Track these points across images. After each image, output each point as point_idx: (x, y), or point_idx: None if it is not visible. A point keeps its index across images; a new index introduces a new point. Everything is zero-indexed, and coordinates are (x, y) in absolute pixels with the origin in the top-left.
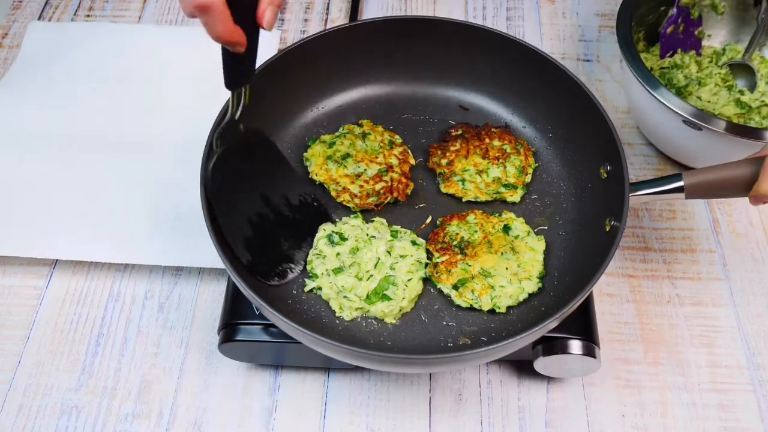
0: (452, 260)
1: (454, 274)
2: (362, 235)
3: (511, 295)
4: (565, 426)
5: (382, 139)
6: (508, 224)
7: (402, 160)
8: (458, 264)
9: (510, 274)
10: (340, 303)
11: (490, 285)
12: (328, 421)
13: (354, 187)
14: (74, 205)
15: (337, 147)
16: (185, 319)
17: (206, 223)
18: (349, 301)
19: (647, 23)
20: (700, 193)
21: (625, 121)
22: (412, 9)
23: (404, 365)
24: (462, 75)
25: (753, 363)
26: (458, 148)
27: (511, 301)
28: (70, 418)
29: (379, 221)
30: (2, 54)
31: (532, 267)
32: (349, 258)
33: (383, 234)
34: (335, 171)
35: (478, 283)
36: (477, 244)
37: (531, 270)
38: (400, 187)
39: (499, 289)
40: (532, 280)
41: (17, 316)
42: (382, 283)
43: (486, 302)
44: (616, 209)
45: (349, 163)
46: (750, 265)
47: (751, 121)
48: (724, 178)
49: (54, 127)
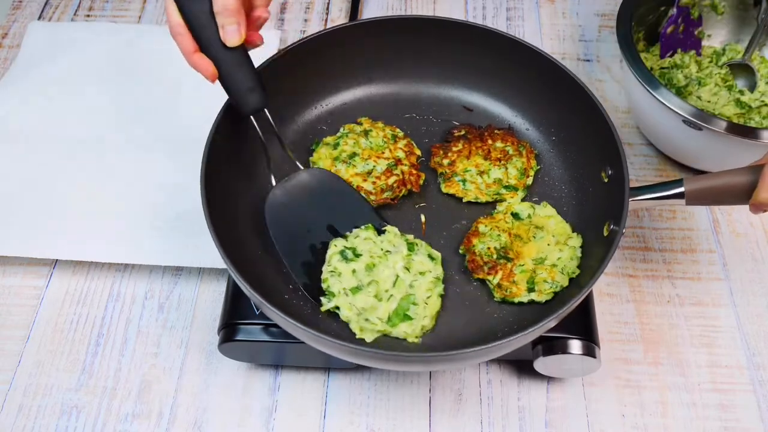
0: (507, 272)
1: (521, 281)
2: (376, 249)
3: (571, 257)
4: (565, 426)
5: (385, 134)
6: (514, 212)
7: (408, 152)
8: (514, 270)
9: (554, 246)
10: (361, 326)
11: (552, 264)
12: (328, 421)
13: (367, 184)
14: (74, 205)
15: (342, 147)
16: (185, 319)
17: (206, 221)
18: (371, 323)
19: (647, 23)
20: (700, 200)
21: (625, 121)
22: (412, 9)
23: (404, 363)
24: (466, 76)
25: (753, 363)
26: (460, 148)
27: (576, 261)
28: (70, 418)
29: (392, 232)
30: (2, 54)
31: (562, 228)
32: (366, 276)
33: (399, 247)
34: (345, 171)
35: (542, 272)
36: (511, 244)
37: (563, 230)
38: (412, 178)
39: (560, 262)
40: (571, 236)
41: (17, 316)
42: (403, 303)
43: (562, 279)
44: (615, 213)
45: (357, 161)
46: (750, 265)
47: (751, 121)
48: (725, 185)
49: (54, 127)
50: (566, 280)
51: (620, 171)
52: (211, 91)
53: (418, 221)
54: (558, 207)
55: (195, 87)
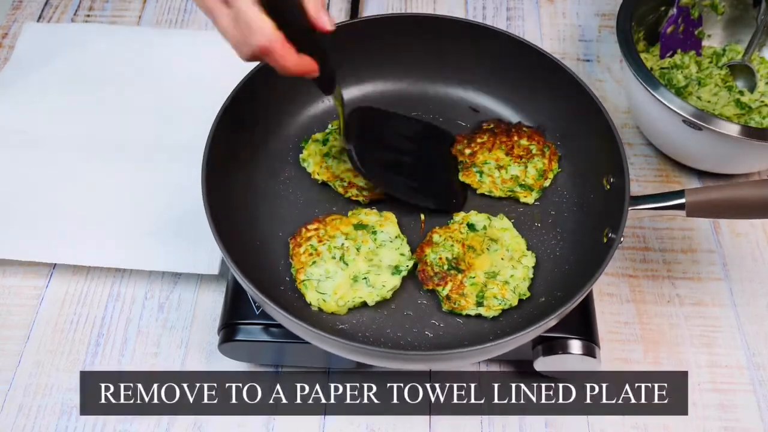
0: (457, 283)
1: (469, 294)
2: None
3: (523, 277)
4: (565, 426)
5: None
6: (470, 222)
7: None
8: (465, 282)
9: (508, 261)
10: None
11: (504, 281)
12: (328, 421)
13: (359, 180)
14: (71, 209)
15: (332, 143)
16: (185, 319)
17: (209, 223)
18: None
19: (647, 23)
20: (701, 212)
21: (625, 121)
22: (412, 9)
23: (404, 362)
24: (474, 77)
25: (753, 363)
26: (485, 140)
27: (527, 282)
28: (70, 418)
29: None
30: (2, 54)
31: (517, 243)
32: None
33: None
34: (336, 167)
35: (493, 287)
36: (464, 255)
37: (518, 245)
38: None
39: (512, 280)
40: (525, 253)
41: (17, 316)
42: None
43: (512, 297)
44: (614, 221)
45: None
46: (750, 265)
47: (751, 121)
48: (728, 199)
49: (50, 129)
50: (516, 300)
51: (622, 180)
52: (210, 93)
53: (418, 219)
54: (558, 211)
55: (194, 89)
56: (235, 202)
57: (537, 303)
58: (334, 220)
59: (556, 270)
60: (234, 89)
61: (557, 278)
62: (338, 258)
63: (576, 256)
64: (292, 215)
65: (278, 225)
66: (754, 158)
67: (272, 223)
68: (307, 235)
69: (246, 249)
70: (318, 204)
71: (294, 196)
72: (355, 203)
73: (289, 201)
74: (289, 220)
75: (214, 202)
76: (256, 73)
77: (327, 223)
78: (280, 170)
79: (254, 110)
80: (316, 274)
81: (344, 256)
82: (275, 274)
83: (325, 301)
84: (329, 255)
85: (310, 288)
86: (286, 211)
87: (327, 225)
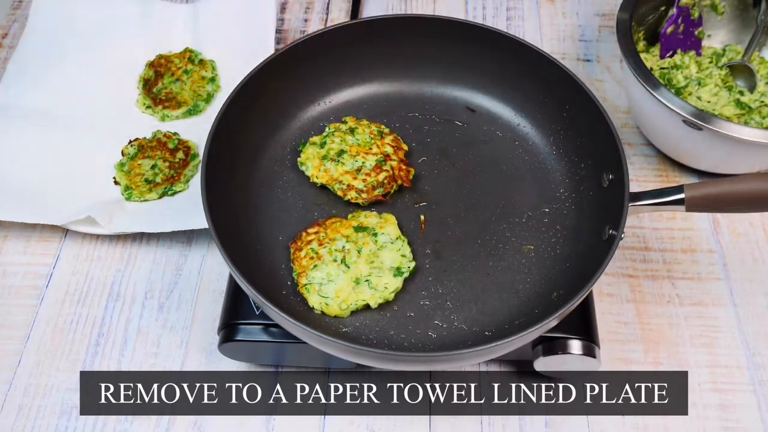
0: None
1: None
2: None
3: None
4: (565, 426)
5: (371, 130)
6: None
7: (396, 147)
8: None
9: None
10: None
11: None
12: (328, 421)
13: (357, 182)
14: (94, 178)
15: (330, 146)
16: (185, 319)
17: (209, 225)
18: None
19: (647, 23)
20: (700, 207)
21: (625, 121)
22: (412, 9)
23: (404, 363)
24: (470, 76)
25: (753, 363)
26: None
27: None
28: (70, 418)
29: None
30: (2, 54)
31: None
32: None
33: None
34: (335, 170)
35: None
36: None
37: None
38: (402, 174)
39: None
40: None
41: (17, 316)
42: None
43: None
44: (614, 218)
45: (346, 159)
46: (750, 265)
47: (751, 121)
48: (726, 193)
49: (69, 100)
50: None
51: (621, 177)
52: None
53: (418, 221)
54: (558, 209)
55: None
56: (234, 207)
57: (537, 303)
58: (334, 222)
59: (556, 268)
60: (231, 93)
61: (557, 277)
62: (339, 261)
63: (576, 255)
64: (291, 219)
65: (278, 229)
66: (753, 158)
67: (272, 227)
68: (308, 238)
69: (247, 253)
70: (317, 207)
71: (293, 200)
72: (355, 206)
73: (288, 205)
74: (288, 223)
75: (213, 202)
76: (252, 77)
77: (327, 226)
78: (279, 174)
79: (250, 114)
80: (318, 278)
81: (345, 259)
82: (277, 278)
83: (328, 305)
84: (330, 258)
85: (313, 292)
86: (285, 214)
87: (327, 228)
